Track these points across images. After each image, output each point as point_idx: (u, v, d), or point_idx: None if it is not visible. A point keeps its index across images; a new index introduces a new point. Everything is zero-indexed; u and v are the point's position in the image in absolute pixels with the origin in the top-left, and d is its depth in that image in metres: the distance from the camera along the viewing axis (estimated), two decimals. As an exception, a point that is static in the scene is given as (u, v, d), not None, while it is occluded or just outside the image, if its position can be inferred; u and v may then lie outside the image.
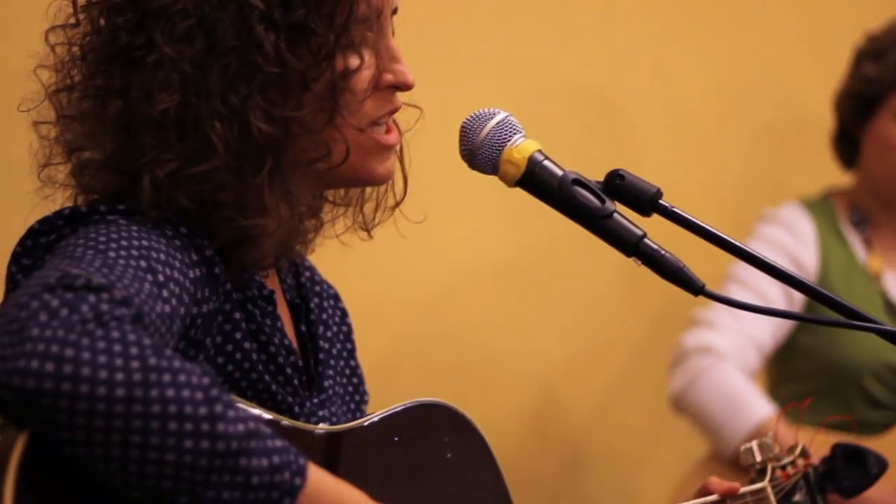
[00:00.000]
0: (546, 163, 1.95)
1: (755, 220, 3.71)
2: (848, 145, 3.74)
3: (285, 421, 1.85)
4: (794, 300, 3.63)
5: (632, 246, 1.94)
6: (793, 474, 2.36)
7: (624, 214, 1.96)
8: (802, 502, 2.38)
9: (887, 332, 1.99)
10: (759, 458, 2.34)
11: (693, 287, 1.95)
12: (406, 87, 1.94)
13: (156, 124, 1.82)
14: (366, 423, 1.95)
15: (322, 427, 1.94)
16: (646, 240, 1.94)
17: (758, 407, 3.45)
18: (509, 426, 3.83)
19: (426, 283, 3.78)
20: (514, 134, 1.95)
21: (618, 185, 1.96)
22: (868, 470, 2.39)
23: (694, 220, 1.96)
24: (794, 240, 3.65)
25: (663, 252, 1.94)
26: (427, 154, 2.12)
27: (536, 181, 1.94)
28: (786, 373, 3.70)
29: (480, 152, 1.94)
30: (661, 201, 1.96)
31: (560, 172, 1.95)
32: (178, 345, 1.78)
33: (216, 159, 1.82)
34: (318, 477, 1.66)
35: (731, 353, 3.53)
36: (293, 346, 1.96)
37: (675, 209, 1.96)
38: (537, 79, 3.79)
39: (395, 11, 1.96)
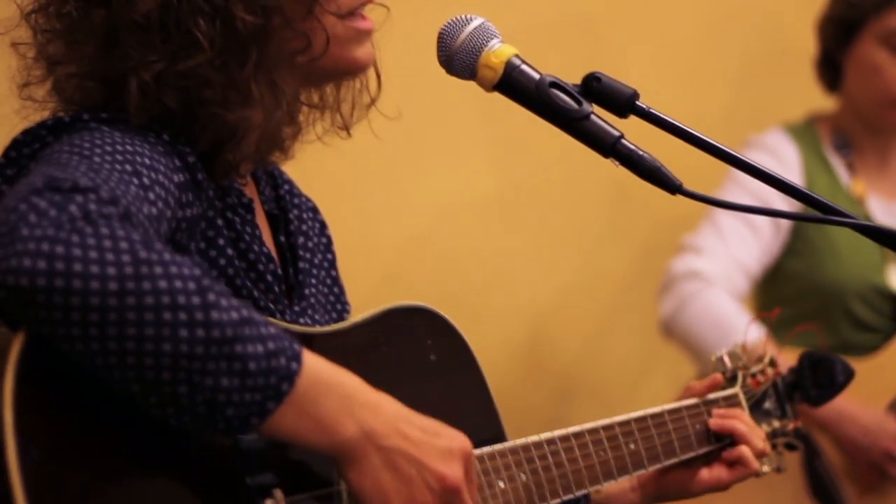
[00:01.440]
0: (523, 67, 1.96)
1: (740, 147, 3.73)
2: (831, 70, 3.77)
3: (272, 321, 1.85)
4: (781, 225, 3.66)
5: (609, 146, 1.96)
6: (762, 382, 2.39)
7: (601, 116, 1.97)
8: (772, 410, 2.41)
9: (865, 227, 2.00)
10: (729, 365, 2.37)
11: (671, 186, 1.96)
12: None
13: (139, 28, 1.85)
14: (349, 326, 1.96)
15: (306, 328, 1.96)
16: (623, 140, 1.96)
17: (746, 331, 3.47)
18: (500, 359, 3.85)
19: (415, 218, 3.79)
20: (491, 39, 1.97)
21: (595, 88, 1.97)
22: (835, 378, 2.41)
23: (671, 120, 1.97)
24: (779, 165, 3.66)
25: (640, 152, 1.96)
26: (412, 74, 2.14)
27: (514, 85, 1.96)
28: (773, 297, 3.72)
29: (458, 57, 1.96)
30: (637, 102, 1.97)
31: (537, 76, 1.96)
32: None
33: (201, 55, 1.84)
34: (313, 362, 1.67)
35: (719, 277, 3.56)
36: (272, 254, 1.98)
37: (652, 110, 1.97)
38: (523, 10, 3.79)
39: None
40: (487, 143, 3.85)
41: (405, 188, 3.73)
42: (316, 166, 2.15)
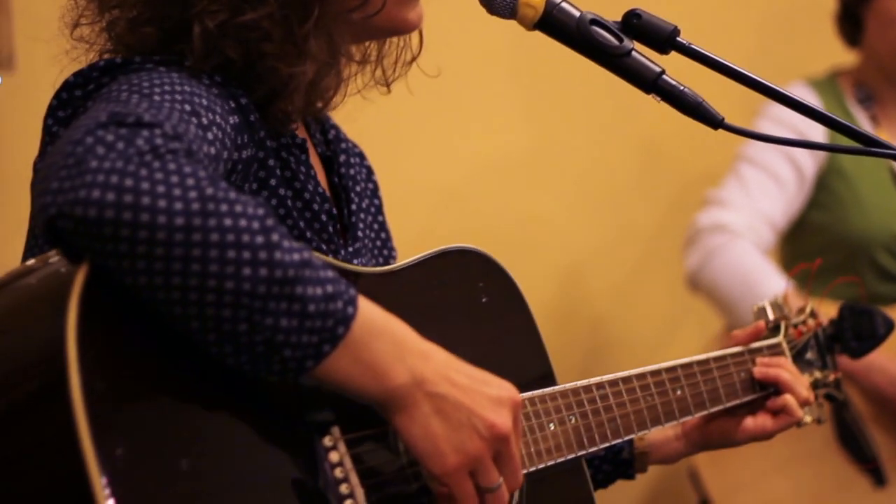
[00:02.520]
0: (564, 4, 1.97)
1: (763, 101, 3.74)
2: (852, 24, 3.78)
3: (327, 259, 1.88)
4: (805, 178, 3.67)
5: (651, 82, 1.97)
6: (804, 332, 2.39)
7: (642, 53, 1.99)
8: (814, 361, 2.42)
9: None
10: (771, 315, 2.38)
11: (713, 120, 1.97)
12: None
13: None
14: (402, 267, 1.97)
15: (360, 268, 1.97)
16: (665, 76, 1.97)
17: (772, 283, 3.49)
18: (532, 316, 3.86)
19: (446, 176, 3.80)
20: (532, -23, 1.98)
21: (635, 25, 1.98)
22: (876, 330, 2.42)
23: (712, 55, 1.99)
24: (802, 118, 3.67)
25: (682, 87, 1.97)
26: (447, 33, 2.14)
27: (555, 23, 1.96)
28: (798, 250, 3.74)
29: (499, -4, 1.97)
30: (678, 38, 1.99)
31: (578, 13, 1.97)
32: None
33: (263, 8, 1.86)
34: (367, 308, 1.68)
35: (744, 230, 3.58)
36: (327, 194, 1.99)
37: (693, 46, 1.99)
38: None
39: None
40: (519, 102, 3.86)
41: (436, 147, 3.74)
42: (350, 122, 2.16)
